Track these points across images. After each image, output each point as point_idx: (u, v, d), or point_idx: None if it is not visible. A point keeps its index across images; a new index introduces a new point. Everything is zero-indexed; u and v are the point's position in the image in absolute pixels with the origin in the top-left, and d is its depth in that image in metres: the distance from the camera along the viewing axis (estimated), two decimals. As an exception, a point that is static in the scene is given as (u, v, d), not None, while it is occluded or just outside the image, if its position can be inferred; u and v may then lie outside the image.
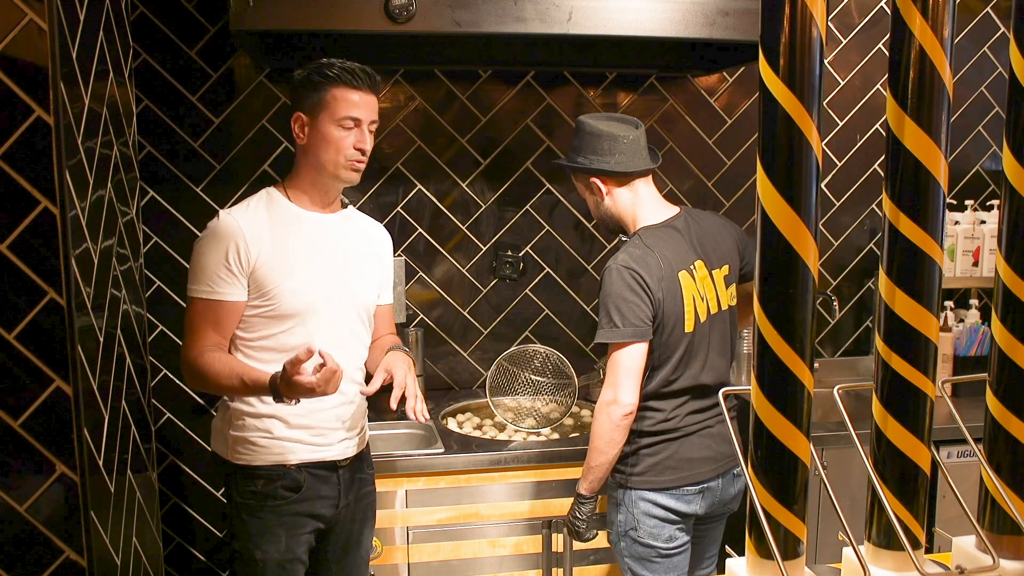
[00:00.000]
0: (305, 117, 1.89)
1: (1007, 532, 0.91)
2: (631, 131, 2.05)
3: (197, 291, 1.86)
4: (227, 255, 1.84)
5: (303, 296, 1.89)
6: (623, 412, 1.95)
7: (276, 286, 1.87)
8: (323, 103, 1.86)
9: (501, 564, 2.37)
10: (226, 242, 1.84)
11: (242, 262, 1.84)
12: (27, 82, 1.56)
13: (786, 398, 0.81)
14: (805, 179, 0.77)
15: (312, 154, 1.90)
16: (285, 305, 1.88)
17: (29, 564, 1.66)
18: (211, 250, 1.85)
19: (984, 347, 2.90)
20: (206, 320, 1.86)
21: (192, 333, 1.88)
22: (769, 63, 0.76)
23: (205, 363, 1.83)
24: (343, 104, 1.86)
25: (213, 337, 1.87)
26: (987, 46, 3.08)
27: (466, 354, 2.94)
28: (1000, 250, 0.89)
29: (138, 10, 2.54)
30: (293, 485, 1.93)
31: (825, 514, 2.41)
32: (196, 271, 1.86)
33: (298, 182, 1.96)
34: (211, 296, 1.85)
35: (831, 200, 3.07)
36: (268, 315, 1.88)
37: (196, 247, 1.88)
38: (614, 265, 1.98)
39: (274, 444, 1.92)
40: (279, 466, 1.92)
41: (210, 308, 1.86)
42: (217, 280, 1.84)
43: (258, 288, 1.86)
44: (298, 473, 1.93)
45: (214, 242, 1.85)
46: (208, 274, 1.84)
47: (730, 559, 0.91)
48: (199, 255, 1.86)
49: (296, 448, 1.93)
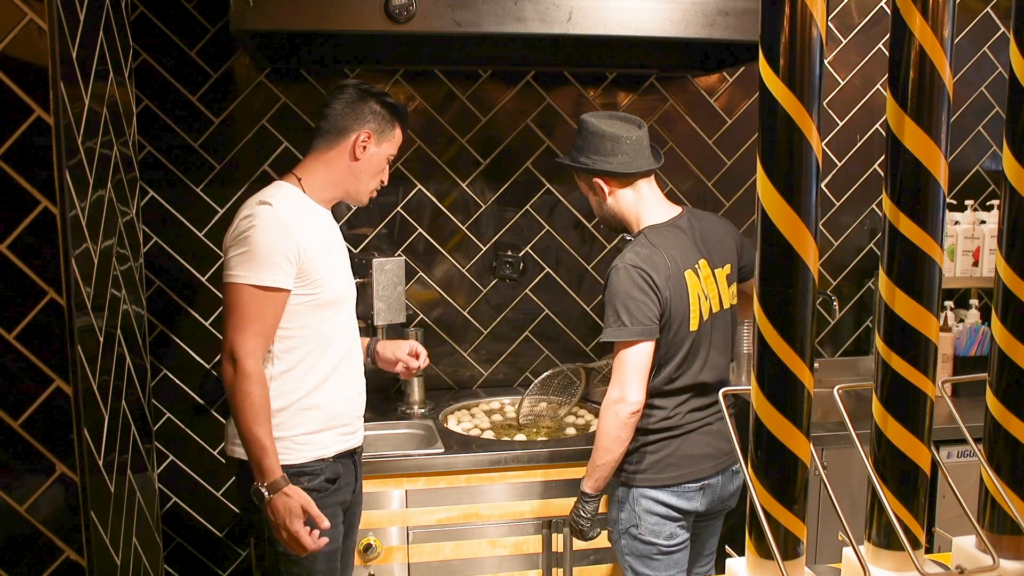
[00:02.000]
0: (374, 139, 1.99)
1: (1007, 532, 0.91)
2: (634, 131, 2.05)
3: (253, 278, 1.83)
4: (284, 245, 1.84)
5: (340, 284, 2.00)
6: (630, 410, 1.96)
7: (324, 275, 1.92)
8: (389, 137, 2.03)
9: (501, 564, 2.37)
10: (283, 232, 1.84)
11: (299, 252, 1.86)
12: (27, 82, 1.56)
13: (786, 398, 0.81)
14: (805, 179, 0.77)
15: (357, 171, 1.99)
16: (329, 293, 1.94)
17: (29, 564, 1.66)
18: (270, 239, 1.83)
19: (984, 347, 2.90)
20: (262, 308, 1.84)
21: (245, 321, 1.83)
22: (769, 63, 0.76)
23: (255, 387, 1.82)
24: (396, 145, 2.06)
25: (267, 325, 1.86)
26: (987, 46, 3.08)
27: (466, 354, 2.94)
28: (1000, 250, 0.89)
29: (138, 10, 2.54)
30: (333, 476, 1.99)
31: (825, 514, 2.41)
32: (253, 259, 1.83)
33: (319, 180, 1.99)
34: (270, 284, 1.84)
35: (831, 200, 3.07)
36: (313, 304, 1.92)
37: (253, 235, 1.83)
38: (621, 264, 1.98)
39: (313, 440, 1.95)
40: (320, 460, 1.96)
41: (267, 296, 1.85)
42: (276, 268, 1.84)
43: (307, 276, 1.89)
44: (335, 464, 2.00)
45: (273, 231, 1.84)
46: (268, 262, 1.83)
47: (730, 559, 0.91)
48: (259, 242, 1.83)
49: (332, 440, 1.99)
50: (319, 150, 2.00)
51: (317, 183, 1.99)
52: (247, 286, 1.83)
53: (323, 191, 2.00)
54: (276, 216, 1.86)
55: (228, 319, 1.85)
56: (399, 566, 2.32)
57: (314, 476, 1.95)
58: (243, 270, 1.84)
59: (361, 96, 1.99)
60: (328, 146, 1.99)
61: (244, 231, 1.85)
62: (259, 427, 1.82)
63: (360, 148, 1.97)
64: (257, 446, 1.82)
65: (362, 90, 2.00)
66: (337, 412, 1.99)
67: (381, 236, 2.83)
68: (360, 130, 1.97)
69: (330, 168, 1.99)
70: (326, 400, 1.96)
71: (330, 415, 1.97)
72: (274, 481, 1.83)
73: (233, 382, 1.82)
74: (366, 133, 1.98)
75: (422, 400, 2.71)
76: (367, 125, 1.98)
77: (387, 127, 2.01)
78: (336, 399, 1.98)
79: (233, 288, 1.84)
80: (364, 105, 1.98)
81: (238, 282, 1.84)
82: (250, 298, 1.84)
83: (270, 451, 1.83)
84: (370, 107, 1.99)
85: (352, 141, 1.97)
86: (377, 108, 2.00)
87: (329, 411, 1.97)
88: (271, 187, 1.97)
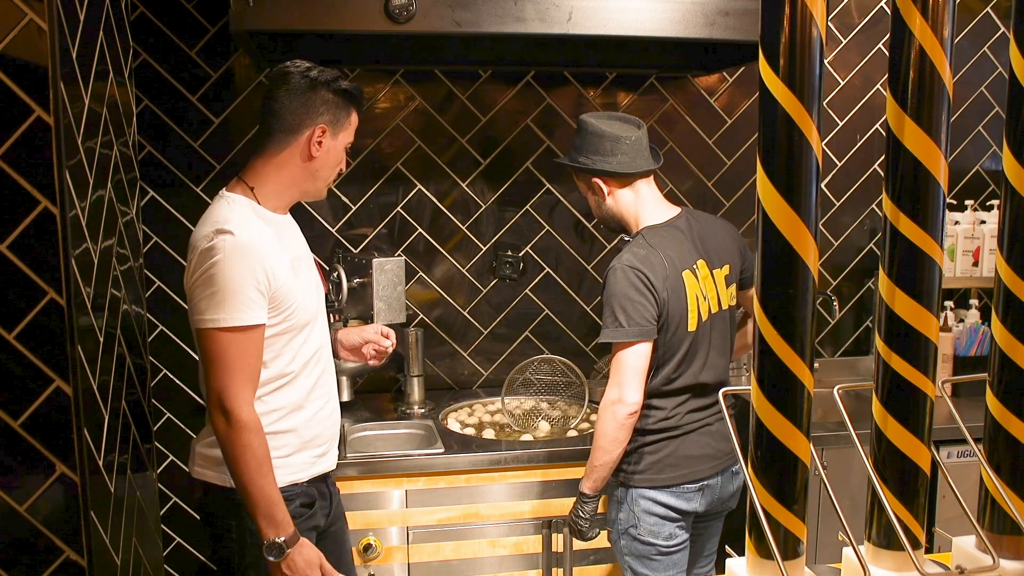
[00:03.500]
0: (329, 132, 1.78)
1: (1007, 532, 0.91)
2: (633, 131, 2.05)
3: (229, 320, 1.63)
4: (254, 276, 1.65)
5: (308, 299, 1.81)
6: (628, 411, 1.96)
7: (295, 298, 1.75)
8: (346, 125, 1.82)
9: (501, 564, 2.37)
10: (250, 262, 1.65)
11: (268, 280, 1.68)
12: (27, 82, 1.56)
13: (786, 398, 0.81)
14: (805, 179, 0.77)
15: (313, 170, 1.80)
16: (302, 315, 1.77)
17: (29, 564, 1.66)
18: (238, 273, 1.63)
19: (984, 347, 2.90)
20: (244, 350, 1.66)
21: (229, 368, 1.64)
22: (769, 63, 0.76)
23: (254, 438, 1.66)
24: (353, 131, 1.85)
25: (252, 367, 1.68)
26: (987, 46, 3.08)
27: (466, 354, 2.94)
28: (1000, 250, 0.89)
29: (138, 10, 2.54)
30: (308, 501, 1.86)
31: (825, 514, 2.41)
32: (225, 297, 1.63)
33: (272, 187, 1.79)
34: (248, 323, 1.65)
35: (831, 200, 3.07)
36: (287, 330, 1.76)
37: (218, 272, 1.63)
38: (619, 265, 1.98)
39: (288, 463, 1.81)
40: (294, 485, 1.83)
41: (247, 336, 1.66)
42: (250, 303, 1.65)
43: (278, 304, 1.72)
44: (309, 488, 1.87)
45: (240, 263, 1.64)
46: (241, 299, 1.63)
47: (730, 559, 0.91)
48: (226, 280, 1.63)
49: (306, 464, 1.86)
50: (268, 152, 1.77)
51: (271, 190, 1.78)
52: (223, 331, 1.63)
53: (278, 197, 1.80)
54: (239, 245, 1.64)
55: (209, 369, 1.66)
56: (399, 566, 2.32)
57: (289, 501, 1.76)
58: (215, 312, 1.63)
59: (310, 86, 1.75)
60: (278, 147, 1.76)
61: (207, 268, 1.64)
62: (264, 478, 1.67)
63: (315, 146, 1.76)
64: (265, 499, 1.66)
65: (309, 78, 1.75)
66: (314, 434, 1.86)
67: (381, 236, 2.83)
68: (313, 126, 1.75)
69: (283, 171, 1.78)
70: (302, 423, 1.82)
71: (306, 438, 1.84)
72: (292, 534, 1.69)
73: (227, 436, 1.65)
74: (320, 128, 1.76)
75: (422, 400, 2.71)
76: (320, 119, 1.76)
77: (342, 115, 1.79)
78: (312, 421, 1.85)
79: (208, 335, 1.64)
80: (315, 96, 1.75)
81: (212, 327, 1.63)
82: (229, 342, 1.64)
83: (280, 502, 1.69)
84: (321, 97, 1.76)
85: (305, 139, 1.76)
86: (330, 97, 1.77)
87: (305, 434, 1.84)
88: (222, 205, 1.74)
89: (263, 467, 1.67)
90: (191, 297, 1.68)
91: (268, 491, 1.67)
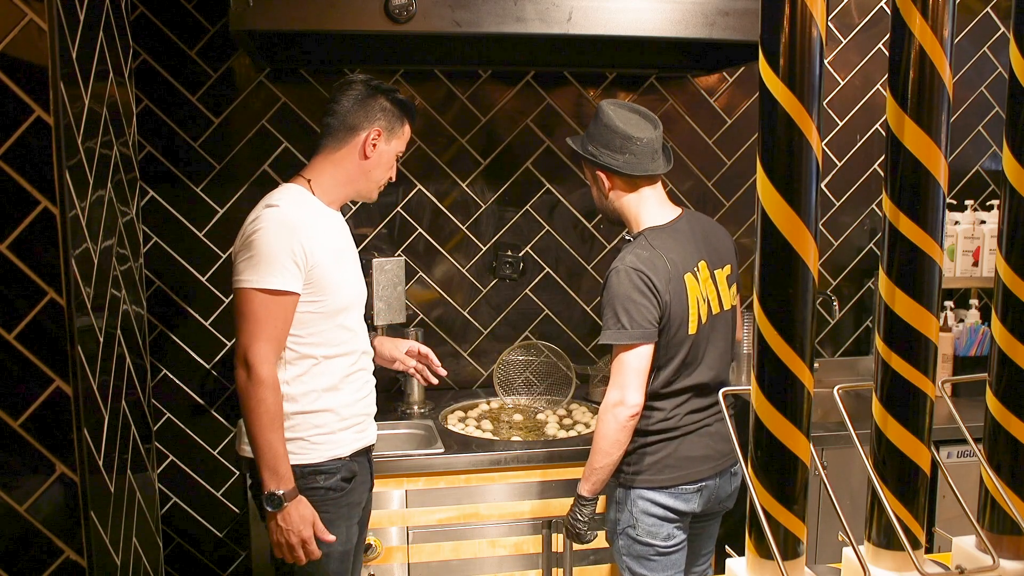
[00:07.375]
0: (384, 136, 1.97)
1: (1007, 532, 0.91)
2: (647, 132, 2.03)
3: (260, 282, 1.80)
4: (293, 248, 1.81)
5: (348, 290, 1.96)
6: (630, 413, 1.95)
7: (333, 284, 1.90)
8: (399, 134, 2.01)
9: (501, 564, 2.37)
10: (292, 235, 1.81)
11: (307, 256, 1.83)
12: (27, 82, 1.56)
13: (786, 398, 0.81)
14: (805, 179, 0.77)
15: (367, 169, 1.97)
16: (338, 301, 1.91)
17: (29, 564, 1.66)
18: (278, 241, 1.80)
19: (984, 347, 2.90)
20: (272, 313, 1.82)
21: (257, 326, 1.81)
22: (769, 63, 0.76)
23: (270, 394, 1.80)
24: (405, 141, 2.05)
25: (278, 330, 1.83)
26: (987, 46, 3.08)
27: (466, 354, 2.94)
28: (1000, 250, 0.89)
29: (138, 10, 2.54)
30: (349, 475, 1.98)
31: (825, 514, 2.41)
32: (259, 263, 1.80)
33: (328, 181, 1.97)
34: (278, 287, 1.81)
35: (831, 200, 3.07)
36: (321, 311, 1.89)
37: (258, 238, 1.81)
38: (622, 266, 1.97)
39: (330, 440, 1.94)
40: (336, 459, 1.95)
41: (276, 300, 1.82)
42: (283, 271, 1.80)
43: (315, 284, 1.86)
44: (351, 463, 1.99)
45: (281, 234, 1.81)
46: (274, 265, 1.80)
47: (730, 559, 0.91)
48: (265, 245, 1.80)
49: (349, 439, 1.98)
50: (327, 149, 1.97)
51: (327, 183, 1.96)
52: (255, 290, 1.80)
53: (333, 191, 1.98)
54: (281, 218, 1.83)
55: (240, 325, 1.83)
56: (399, 566, 2.32)
57: (330, 475, 1.94)
58: (250, 274, 1.81)
59: (370, 93, 1.96)
60: (337, 145, 1.96)
61: (250, 235, 1.83)
62: (273, 433, 1.81)
63: (371, 146, 1.95)
64: (271, 452, 1.81)
65: (371, 86, 1.97)
66: (351, 413, 1.99)
67: (381, 236, 2.83)
68: (370, 128, 1.95)
69: (339, 167, 1.96)
70: (339, 403, 1.95)
71: (344, 416, 1.97)
72: (292, 489, 1.84)
73: (247, 388, 1.80)
74: (376, 131, 1.95)
75: (422, 400, 2.71)
76: (377, 123, 1.95)
77: (396, 124, 1.99)
78: (349, 401, 1.98)
79: (242, 294, 1.82)
80: (373, 102, 1.95)
81: (246, 287, 1.81)
82: (259, 303, 1.81)
83: (285, 457, 1.83)
84: (380, 104, 1.96)
85: (362, 139, 1.94)
86: (387, 105, 1.97)
87: (343, 412, 1.96)
88: (279, 189, 1.95)
89: (274, 422, 1.82)
90: (234, 260, 1.86)
91: (275, 445, 1.82)
